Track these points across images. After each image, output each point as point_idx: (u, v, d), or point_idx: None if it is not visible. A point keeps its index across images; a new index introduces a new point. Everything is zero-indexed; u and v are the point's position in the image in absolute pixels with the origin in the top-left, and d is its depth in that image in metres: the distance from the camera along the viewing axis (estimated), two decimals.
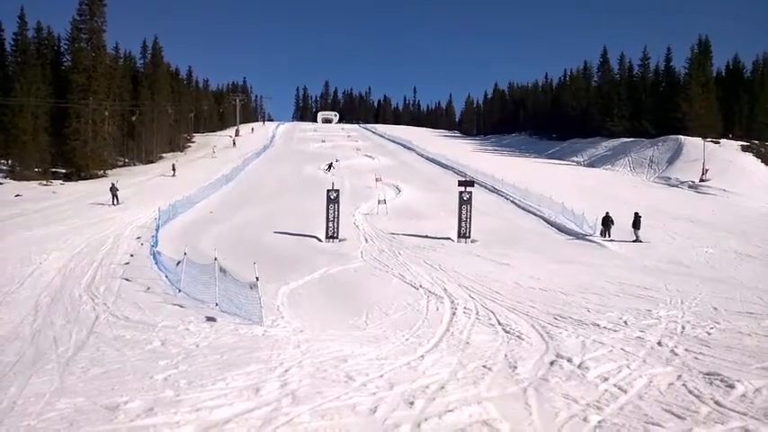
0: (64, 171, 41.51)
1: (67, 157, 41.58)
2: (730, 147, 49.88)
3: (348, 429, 4.64)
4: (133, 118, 48.76)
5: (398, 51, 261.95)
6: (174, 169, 42.16)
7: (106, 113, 43.50)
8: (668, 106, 57.72)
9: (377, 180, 36.77)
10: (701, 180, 41.58)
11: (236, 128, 78.00)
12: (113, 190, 28.22)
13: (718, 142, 50.12)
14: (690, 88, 56.93)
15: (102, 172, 42.28)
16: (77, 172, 40.83)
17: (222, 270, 10.87)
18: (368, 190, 34.36)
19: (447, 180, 38.46)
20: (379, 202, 28.41)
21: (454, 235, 21.98)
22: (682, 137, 52.11)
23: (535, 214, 28.61)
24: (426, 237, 21.82)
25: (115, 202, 27.78)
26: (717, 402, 5.47)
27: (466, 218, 22.14)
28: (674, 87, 60.83)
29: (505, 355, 7.49)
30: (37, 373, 6.50)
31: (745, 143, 51.42)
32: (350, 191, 33.19)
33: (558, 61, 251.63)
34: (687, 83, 58.47)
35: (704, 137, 46.74)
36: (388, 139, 77.93)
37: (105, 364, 6.90)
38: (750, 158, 47.76)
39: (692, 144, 48.98)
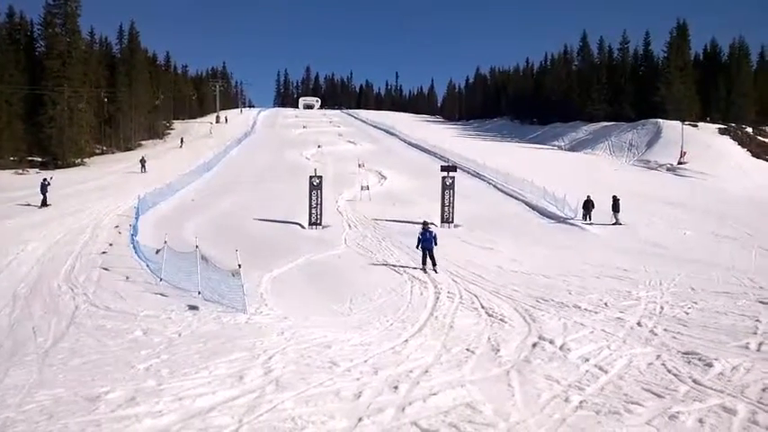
0: (40, 160, 40.52)
1: (43, 145, 40.58)
2: (708, 130, 50.56)
3: (332, 415, 4.64)
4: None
5: (380, 36, 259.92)
6: (182, 142, 54.30)
7: (85, 105, 42.62)
8: (647, 90, 58.24)
9: (360, 166, 36.60)
10: (679, 163, 42.18)
11: (216, 114, 77.02)
12: (142, 161, 37.27)
13: (696, 125, 50.76)
14: (668, 72, 57.45)
15: (79, 160, 41.39)
16: (54, 160, 39.90)
17: (204, 258, 10.75)
18: (351, 176, 34.21)
19: (430, 165, 38.43)
20: (362, 188, 28.32)
21: (438, 220, 22.02)
22: (660, 120, 52.68)
23: (517, 199, 28.80)
24: (410, 222, 21.83)
25: (143, 171, 35.77)
26: (695, 381, 5.59)
27: (449, 203, 22.20)
28: (652, 71, 61.32)
29: (488, 338, 7.55)
30: (15, 365, 6.39)
31: (723, 126, 52.17)
32: (333, 177, 33.01)
33: (539, 45, 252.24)
34: (666, 66, 58.97)
35: (682, 120, 47.31)
36: (371, 125, 77.58)
37: (85, 354, 6.80)
38: (727, 141, 48.49)
39: (671, 127, 49.57)
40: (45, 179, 24.33)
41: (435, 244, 13.55)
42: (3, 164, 37.19)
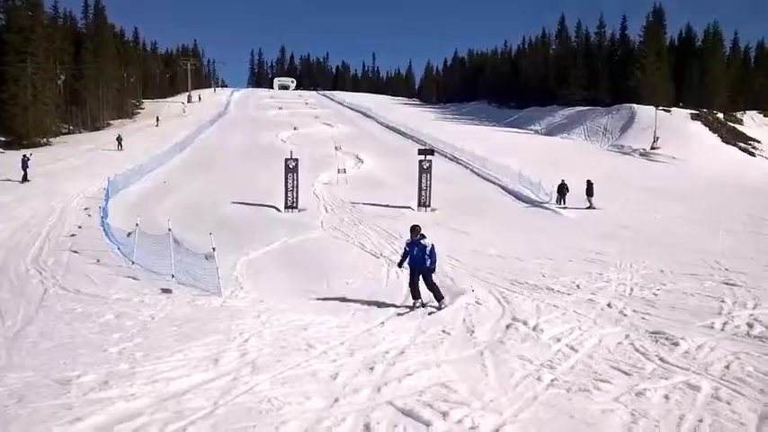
0: (3, 139, 39.07)
1: (6, 124, 39.10)
2: (680, 115, 51.55)
3: (308, 396, 4.65)
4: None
5: (357, 16, 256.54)
6: (157, 120, 53.18)
7: (59, 81, 41.11)
8: (623, 75, 58.92)
9: (337, 149, 36.36)
10: (652, 148, 43.06)
11: (188, 93, 75.29)
12: (119, 139, 37.53)
13: (669, 111, 51.70)
14: (644, 57, 58.12)
15: (44, 140, 40.05)
16: (18, 140, 38.51)
17: (177, 241, 10.57)
18: (328, 159, 33.96)
19: (407, 148, 38.38)
20: (339, 171, 28.17)
21: (414, 204, 22.09)
22: (635, 105, 53.49)
23: (493, 182, 29.05)
24: (387, 206, 21.85)
25: (120, 149, 36.23)
26: (662, 359, 5.77)
27: (426, 187, 22.26)
28: (628, 56, 61.98)
29: (464, 320, 7.65)
30: None
31: (694, 112, 53.19)
32: (309, 160, 32.71)
33: (517, 28, 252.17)
34: (641, 51, 59.61)
35: (656, 105, 48.15)
36: (348, 107, 76.90)
37: (56, 338, 6.66)
38: (698, 126, 49.58)
39: (645, 112, 50.39)
40: (25, 155, 25.04)
41: (432, 264, 8.27)
42: None
